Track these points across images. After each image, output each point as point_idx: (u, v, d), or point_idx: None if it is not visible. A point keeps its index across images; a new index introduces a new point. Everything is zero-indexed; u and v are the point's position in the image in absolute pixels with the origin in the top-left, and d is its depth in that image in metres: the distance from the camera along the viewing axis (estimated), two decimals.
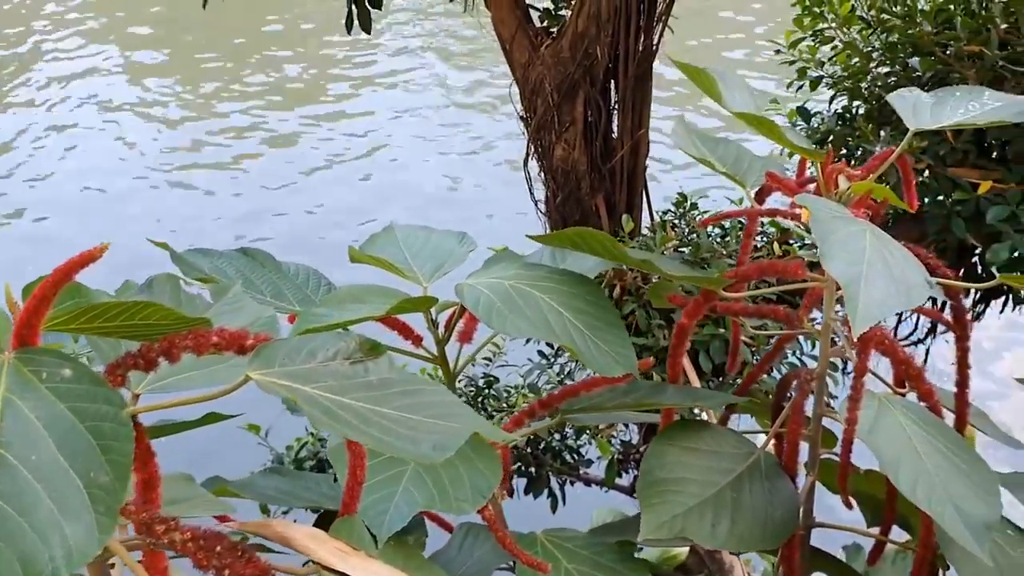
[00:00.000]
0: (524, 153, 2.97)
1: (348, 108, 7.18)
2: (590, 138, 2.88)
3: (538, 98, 2.81)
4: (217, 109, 7.17)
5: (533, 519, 2.33)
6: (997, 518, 0.69)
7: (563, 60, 2.73)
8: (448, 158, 6.41)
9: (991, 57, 2.37)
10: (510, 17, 2.82)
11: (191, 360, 0.48)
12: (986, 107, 0.90)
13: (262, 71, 7.80)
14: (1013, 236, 2.16)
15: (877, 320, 0.64)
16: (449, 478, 0.65)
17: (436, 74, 7.73)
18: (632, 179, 3.15)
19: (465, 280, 0.76)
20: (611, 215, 3.11)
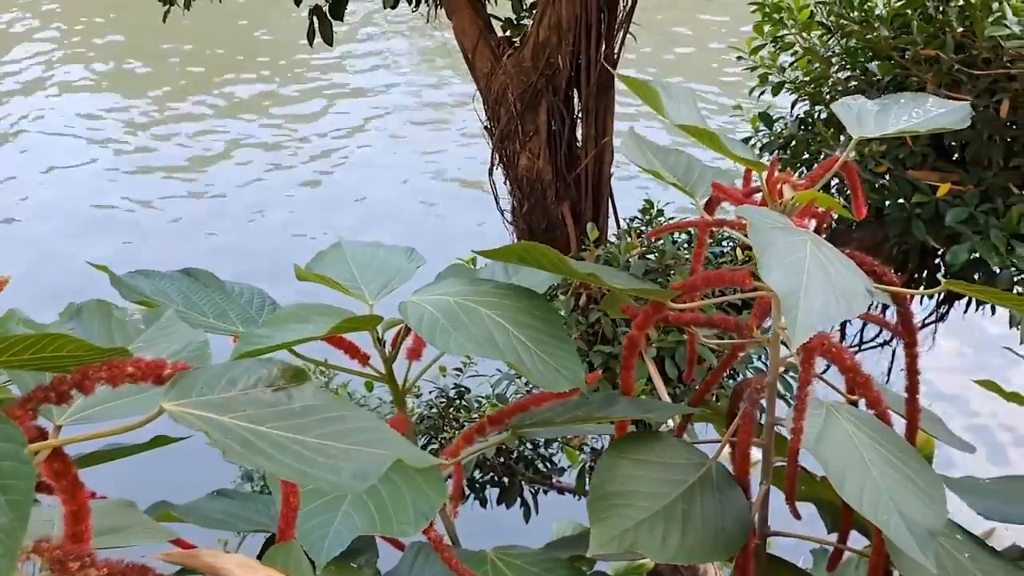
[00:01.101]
0: (488, 163, 2.98)
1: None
2: (554, 147, 2.88)
3: (501, 108, 2.81)
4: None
5: (504, 530, 2.32)
6: (942, 525, 0.70)
7: (525, 69, 2.74)
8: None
9: (947, 61, 2.40)
10: (471, 27, 2.82)
11: (124, 387, 0.47)
12: (929, 114, 0.91)
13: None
14: (972, 238, 2.19)
15: (816, 331, 0.64)
16: (392, 500, 0.64)
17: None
18: (597, 187, 3.17)
19: (410, 297, 0.76)
20: (577, 223, 3.12)
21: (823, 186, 2.51)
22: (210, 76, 7.78)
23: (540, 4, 2.67)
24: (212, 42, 8.27)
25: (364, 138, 6.96)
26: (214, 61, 8.06)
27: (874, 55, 2.68)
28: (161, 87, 7.61)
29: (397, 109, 7.30)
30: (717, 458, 0.87)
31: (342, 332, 0.74)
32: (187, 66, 7.98)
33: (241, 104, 7.43)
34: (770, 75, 3.06)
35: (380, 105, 7.41)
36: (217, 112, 7.29)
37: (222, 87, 7.63)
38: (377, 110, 7.32)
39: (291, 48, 8.02)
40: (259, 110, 7.30)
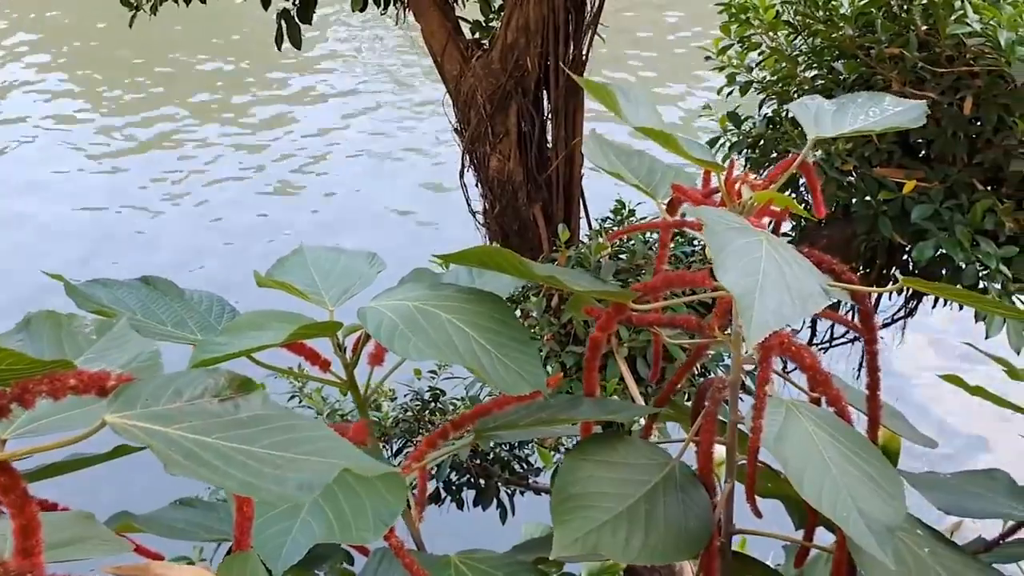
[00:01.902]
0: (460, 165, 2.98)
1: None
2: (525, 149, 2.88)
3: (471, 110, 2.81)
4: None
5: (481, 532, 2.31)
6: (900, 520, 0.70)
7: (494, 71, 2.74)
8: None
9: (911, 59, 2.42)
10: (440, 30, 2.82)
11: (73, 399, 0.46)
12: (886, 112, 0.91)
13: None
14: (937, 234, 2.21)
15: (771, 330, 0.64)
16: (351, 508, 0.64)
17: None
18: (569, 188, 3.17)
19: (369, 303, 0.75)
20: (549, 224, 3.12)
21: (791, 184, 2.55)
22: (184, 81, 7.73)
23: (508, 6, 2.67)
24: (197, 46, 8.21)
25: (338, 137, 6.94)
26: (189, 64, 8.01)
27: (840, 54, 2.70)
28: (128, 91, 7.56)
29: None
30: (681, 458, 0.88)
31: (300, 339, 0.74)
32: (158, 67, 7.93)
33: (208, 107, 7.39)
34: (738, 75, 3.08)
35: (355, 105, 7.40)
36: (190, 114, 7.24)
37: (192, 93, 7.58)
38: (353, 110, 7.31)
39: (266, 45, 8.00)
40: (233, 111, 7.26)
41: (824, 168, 2.39)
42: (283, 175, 6.48)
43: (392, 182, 6.33)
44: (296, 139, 6.91)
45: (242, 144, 6.84)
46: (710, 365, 2.44)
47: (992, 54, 2.28)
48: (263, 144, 6.86)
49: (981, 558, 0.95)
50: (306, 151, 6.76)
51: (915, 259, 2.25)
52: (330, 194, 6.16)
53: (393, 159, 6.63)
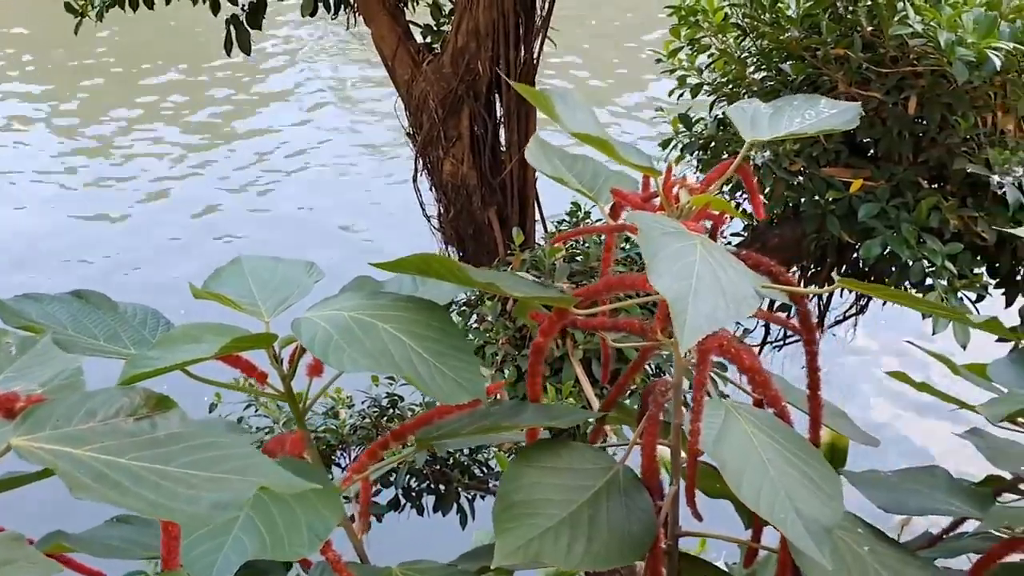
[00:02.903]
0: (412, 169, 2.97)
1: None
2: (478, 152, 2.88)
3: (423, 114, 2.80)
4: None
5: (442, 539, 2.30)
6: (838, 520, 0.71)
7: (445, 75, 2.73)
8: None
9: (856, 59, 2.46)
10: (390, 34, 2.81)
11: None
12: (822, 115, 0.92)
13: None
14: (884, 232, 2.24)
15: (705, 334, 0.65)
16: (284, 522, 0.63)
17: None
18: (523, 191, 3.18)
19: (304, 313, 0.74)
20: (504, 228, 3.12)
21: (742, 186, 2.55)
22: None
23: (458, 11, 2.67)
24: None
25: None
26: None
27: (787, 56, 2.73)
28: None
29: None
30: (625, 461, 0.88)
31: (234, 351, 0.72)
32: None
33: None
34: (688, 77, 3.11)
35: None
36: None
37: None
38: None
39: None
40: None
41: (773, 169, 2.41)
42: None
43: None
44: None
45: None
46: (665, 366, 2.46)
47: (935, 54, 2.33)
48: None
49: (926, 553, 0.96)
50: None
51: (863, 257, 2.28)
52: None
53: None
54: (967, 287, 2.25)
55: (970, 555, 1.06)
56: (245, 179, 6.51)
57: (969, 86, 2.31)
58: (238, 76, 7.79)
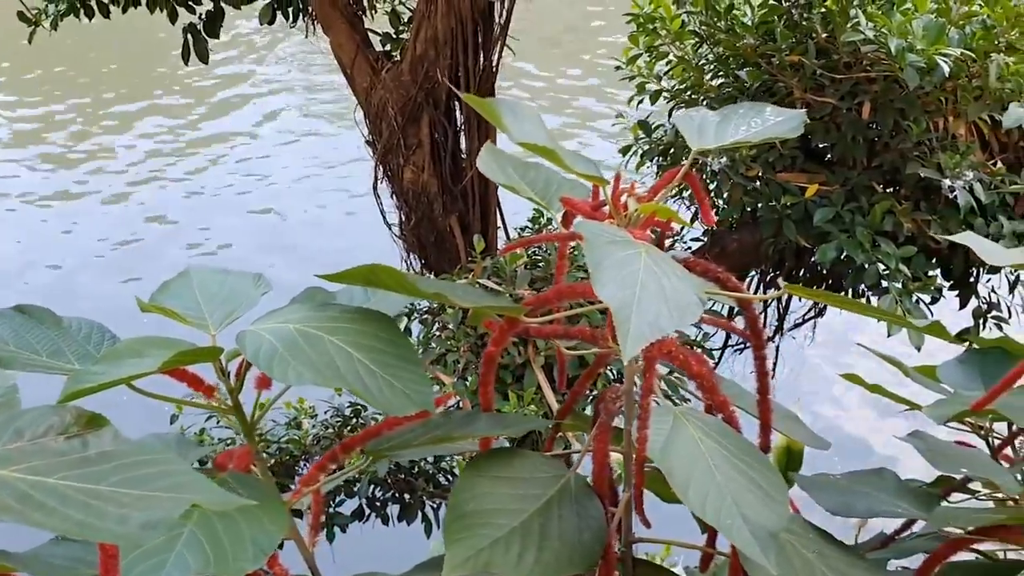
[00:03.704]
0: (372, 177, 2.96)
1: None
2: (438, 160, 2.88)
3: (382, 122, 2.79)
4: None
5: (409, 548, 2.28)
6: (783, 524, 0.71)
7: (404, 83, 2.73)
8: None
9: (810, 66, 2.49)
10: (348, 42, 2.80)
11: None
12: (767, 123, 0.93)
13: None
14: (839, 236, 2.27)
15: (648, 342, 0.65)
16: (229, 538, 0.62)
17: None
18: (485, 198, 3.18)
19: (250, 326, 0.74)
20: (466, 235, 3.12)
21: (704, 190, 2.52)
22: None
23: (416, 19, 2.67)
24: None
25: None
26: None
27: (744, 62, 2.76)
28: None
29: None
30: (577, 469, 0.88)
31: (178, 365, 0.72)
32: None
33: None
34: (648, 84, 3.13)
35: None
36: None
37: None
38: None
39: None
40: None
41: (730, 174, 2.44)
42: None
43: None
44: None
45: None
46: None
47: (887, 60, 2.36)
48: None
49: (879, 554, 0.97)
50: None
51: (818, 261, 2.31)
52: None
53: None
54: (921, 289, 2.28)
55: (924, 555, 1.07)
56: (211, 185, 6.46)
57: (920, 91, 2.35)
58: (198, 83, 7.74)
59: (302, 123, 7.22)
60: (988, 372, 1.01)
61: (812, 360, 4.36)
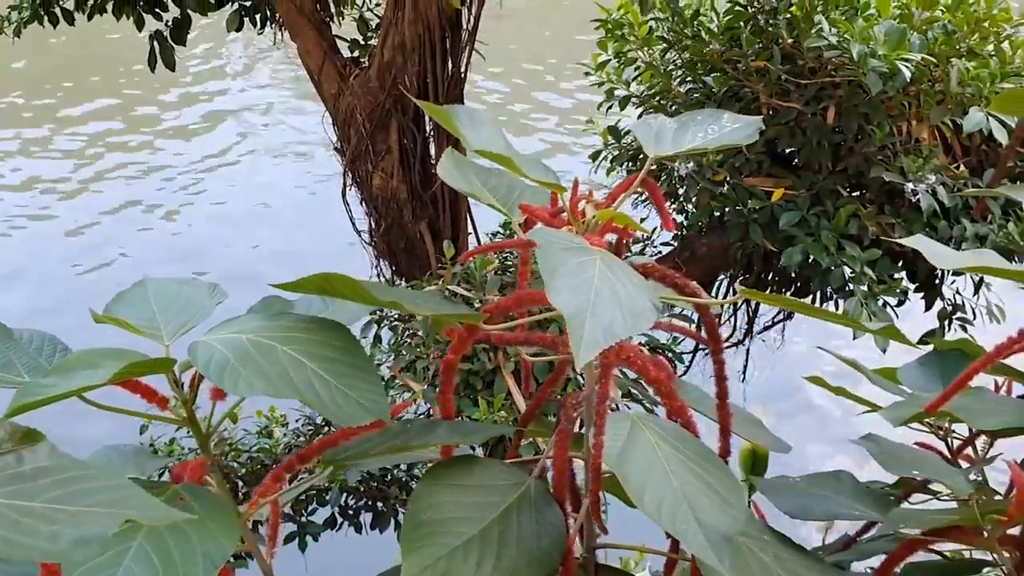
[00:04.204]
0: (341, 184, 2.95)
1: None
2: (407, 166, 2.87)
3: (351, 128, 2.78)
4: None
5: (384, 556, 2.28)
6: (738, 528, 0.72)
7: (372, 90, 2.72)
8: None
9: (776, 71, 2.51)
10: (316, 49, 2.79)
11: None
12: (724, 130, 0.94)
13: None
14: (805, 239, 2.29)
15: (602, 348, 0.65)
16: (179, 551, 0.62)
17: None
18: (455, 204, 3.18)
19: (202, 337, 0.73)
20: (436, 241, 3.12)
21: (672, 196, 2.57)
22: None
23: (384, 25, 2.67)
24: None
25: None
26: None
27: (711, 68, 2.78)
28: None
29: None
30: (536, 476, 0.88)
31: (130, 377, 0.71)
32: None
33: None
34: (616, 90, 3.14)
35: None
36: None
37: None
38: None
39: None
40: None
41: (697, 179, 2.45)
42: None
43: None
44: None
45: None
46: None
47: (851, 65, 2.39)
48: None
49: (841, 555, 0.98)
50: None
51: (784, 264, 2.32)
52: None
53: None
54: (886, 292, 2.30)
55: (885, 556, 1.08)
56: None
57: (884, 96, 2.37)
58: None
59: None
60: (947, 374, 1.02)
61: (787, 361, 4.39)
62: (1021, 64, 2.49)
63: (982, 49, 2.42)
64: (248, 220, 6.17)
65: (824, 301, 2.79)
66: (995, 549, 0.80)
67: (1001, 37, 2.45)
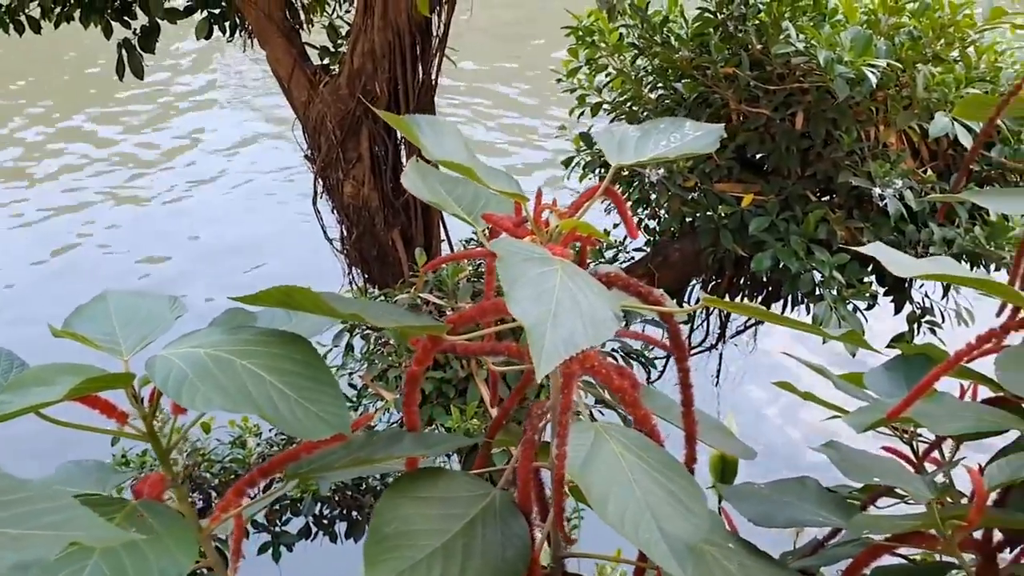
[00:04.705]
0: (312, 191, 2.93)
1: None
2: (379, 173, 2.87)
3: (321, 136, 2.77)
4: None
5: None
6: (701, 536, 0.72)
7: (342, 97, 2.71)
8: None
9: (744, 77, 2.53)
10: (285, 56, 2.78)
11: None
12: (686, 138, 0.94)
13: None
14: (774, 244, 2.31)
15: (563, 358, 0.65)
16: (135, 568, 0.61)
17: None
18: (427, 211, 3.17)
19: (161, 351, 0.73)
20: (408, 248, 3.11)
21: (644, 201, 2.57)
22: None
23: (353, 32, 2.66)
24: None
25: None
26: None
27: (681, 74, 2.79)
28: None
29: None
30: (502, 486, 0.87)
31: (87, 392, 0.70)
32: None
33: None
34: (588, 96, 3.15)
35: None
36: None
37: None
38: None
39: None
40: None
41: (668, 186, 2.46)
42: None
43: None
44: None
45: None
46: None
47: (819, 71, 2.40)
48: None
49: (809, 561, 0.98)
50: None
51: (754, 269, 2.34)
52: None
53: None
54: (856, 296, 2.32)
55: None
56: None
57: (851, 102, 2.39)
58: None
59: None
60: (912, 378, 1.03)
61: (762, 366, 4.42)
62: (986, 69, 2.52)
63: (947, 54, 2.45)
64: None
65: (795, 305, 2.81)
66: (956, 553, 0.81)
67: (966, 42, 2.48)
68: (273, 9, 2.77)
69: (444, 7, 2.72)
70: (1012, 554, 0.90)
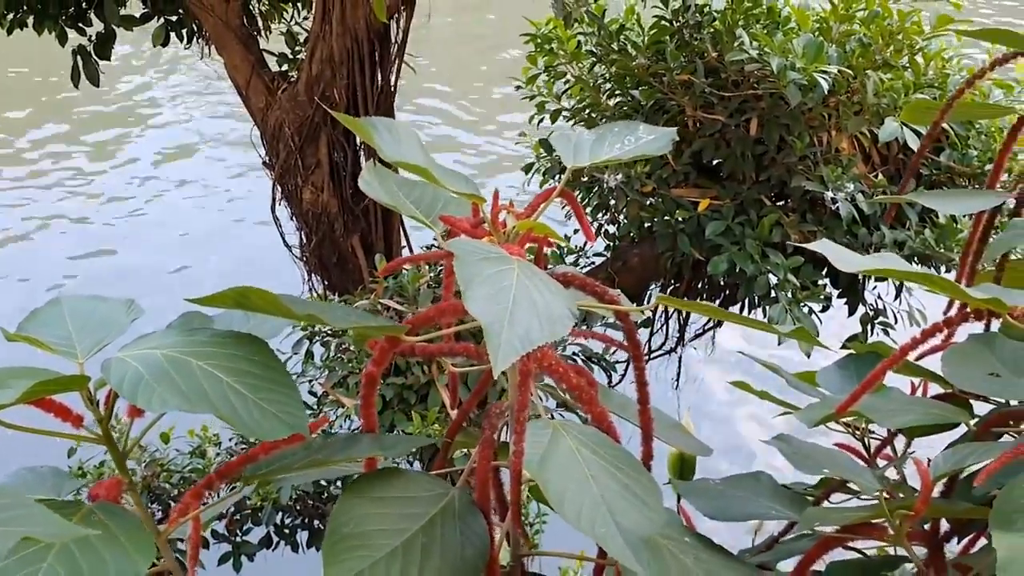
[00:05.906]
0: (271, 198, 2.92)
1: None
2: (338, 179, 2.86)
3: (279, 142, 2.76)
4: None
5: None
6: (656, 530, 0.73)
7: (301, 103, 2.71)
8: None
9: (699, 84, 2.56)
10: (243, 63, 2.77)
11: None
12: (640, 141, 0.96)
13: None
14: (730, 248, 2.34)
15: (519, 355, 0.66)
16: (90, 568, 0.61)
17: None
18: (387, 217, 3.17)
19: (116, 353, 0.72)
20: (369, 255, 3.10)
21: (604, 207, 2.60)
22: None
23: (312, 38, 2.65)
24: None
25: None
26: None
27: (638, 82, 2.82)
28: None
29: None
30: (460, 486, 0.88)
31: (41, 395, 0.70)
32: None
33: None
34: (547, 103, 3.17)
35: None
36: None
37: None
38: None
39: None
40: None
41: (626, 191, 2.49)
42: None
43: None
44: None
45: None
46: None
47: (772, 78, 2.44)
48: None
49: (767, 555, 1.00)
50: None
51: (710, 272, 2.37)
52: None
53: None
54: (810, 298, 2.36)
55: None
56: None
57: (804, 107, 2.43)
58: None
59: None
60: (862, 375, 1.05)
61: (722, 366, 4.47)
62: (935, 75, 2.58)
63: (897, 61, 2.50)
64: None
65: (751, 308, 2.85)
66: (905, 544, 0.83)
67: (914, 49, 2.53)
68: (231, 16, 2.76)
69: (403, 14, 2.72)
70: (960, 545, 0.92)
